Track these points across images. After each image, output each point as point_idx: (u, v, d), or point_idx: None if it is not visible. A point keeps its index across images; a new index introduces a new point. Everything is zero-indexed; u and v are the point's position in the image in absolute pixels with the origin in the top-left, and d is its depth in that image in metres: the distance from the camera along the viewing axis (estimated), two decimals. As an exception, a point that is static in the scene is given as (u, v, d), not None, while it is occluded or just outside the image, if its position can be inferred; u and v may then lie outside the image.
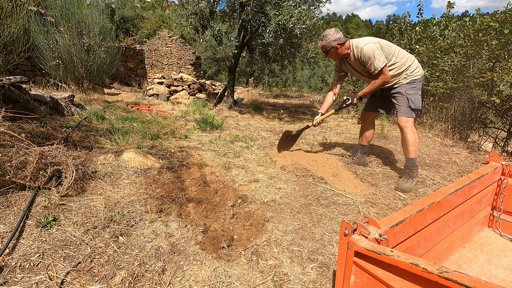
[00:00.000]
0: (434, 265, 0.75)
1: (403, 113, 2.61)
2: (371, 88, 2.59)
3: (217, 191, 2.24)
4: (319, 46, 2.66)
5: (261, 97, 12.61)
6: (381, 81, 2.52)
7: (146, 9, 35.78)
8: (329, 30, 2.60)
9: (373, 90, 2.60)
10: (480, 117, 4.46)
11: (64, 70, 6.34)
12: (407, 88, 2.59)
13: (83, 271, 1.35)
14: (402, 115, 2.62)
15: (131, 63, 12.87)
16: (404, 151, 2.65)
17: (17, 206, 1.67)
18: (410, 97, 2.57)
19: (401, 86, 2.61)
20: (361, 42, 2.52)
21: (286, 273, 1.50)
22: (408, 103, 2.58)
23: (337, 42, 2.56)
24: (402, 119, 2.62)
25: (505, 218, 1.75)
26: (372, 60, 2.45)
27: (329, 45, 2.57)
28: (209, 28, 5.25)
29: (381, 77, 2.51)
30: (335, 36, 2.56)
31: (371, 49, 2.43)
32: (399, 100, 2.62)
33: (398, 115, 2.66)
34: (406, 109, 2.60)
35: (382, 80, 2.51)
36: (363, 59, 2.51)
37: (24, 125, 2.71)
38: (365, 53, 2.46)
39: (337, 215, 2.09)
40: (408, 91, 2.58)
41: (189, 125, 4.36)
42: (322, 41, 2.60)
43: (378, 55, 2.43)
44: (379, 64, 2.45)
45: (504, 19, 3.67)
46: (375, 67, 2.47)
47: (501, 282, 1.37)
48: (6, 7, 4.36)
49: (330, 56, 2.68)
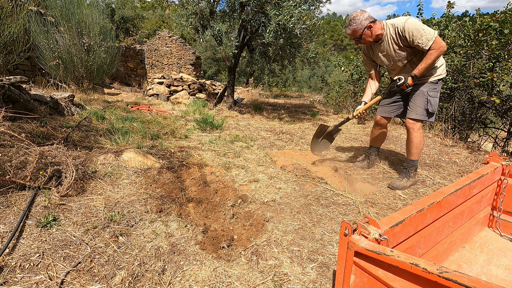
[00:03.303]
0: (434, 265, 0.75)
1: (416, 114, 2.41)
2: (427, 63, 2.20)
3: (217, 191, 2.24)
4: (349, 33, 2.34)
5: (261, 97, 12.61)
6: (437, 53, 2.16)
7: (146, 9, 35.79)
8: (355, 12, 2.31)
9: (430, 64, 2.22)
10: (480, 117, 4.46)
11: (64, 70, 6.35)
12: (430, 88, 2.36)
13: (83, 271, 1.35)
14: (414, 116, 2.42)
15: (131, 63, 12.87)
16: (407, 151, 2.58)
17: (17, 206, 1.67)
18: (430, 99, 2.36)
19: (424, 85, 2.38)
20: (398, 20, 2.24)
21: (286, 273, 1.50)
22: (427, 105, 2.36)
23: (368, 21, 2.27)
24: (412, 120, 2.44)
25: (505, 218, 1.75)
26: (421, 33, 2.13)
27: (361, 25, 2.26)
28: (209, 28, 5.25)
29: (437, 47, 2.14)
30: (364, 15, 2.27)
31: (414, 23, 2.15)
32: (417, 99, 2.40)
33: (409, 115, 2.45)
34: (422, 111, 2.39)
35: (439, 51, 2.15)
36: (406, 35, 2.19)
37: (24, 125, 2.71)
38: (408, 28, 2.16)
39: (337, 215, 2.09)
40: (430, 92, 2.35)
41: (189, 125, 4.36)
42: (351, 26, 2.30)
43: (425, 27, 2.14)
44: (430, 34, 2.12)
45: (504, 19, 3.67)
46: (427, 39, 2.13)
47: (501, 282, 1.37)
48: (6, 7, 4.36)
49: (364, 41, 2.36)
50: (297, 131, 4.61)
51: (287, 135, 4.28)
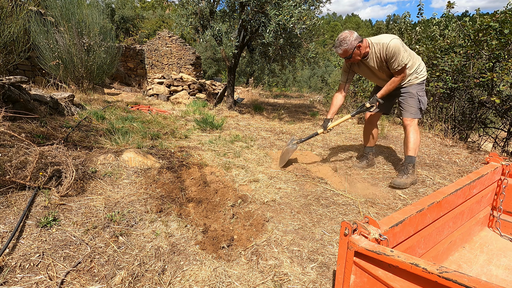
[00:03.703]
0: (434, 265, 0.75)
1: (411, 114, 2.62)
2: (389, 87, 2.54)
3: (217, 191, 2.24)
4: (340, 53, 2.48)
5: (261, 97, 12.61)
6: (400, 79, 2.49)
7: (146, 9, 35.79)
8: (344, 33, 2.46)
9: (391, 89, 2.56)
10: (480, 117, 4.46)
11: (64, 70, 6.35)
12: (418, 89, 2.59)
13: (83, 271, 1.35)
14: (409, 116, 2.63)
15: (131, 63, 12.87)
16: (405, 148, 2.67)
17: (17, 206, 1.67)
18: (421, 99, 2.59)
19: (412, 86, 2.60)
20: (383, 39, 2.44)
21: (286, 273, 1.50)
22: (419, 104, 2.59)
23: (357, 41, 2.43)
24: (409, 119, 2.63)
25: (505, 218, 1.75)
26: (397, 56, 2.37)
27: (352, 46, 2.42)
28: (209, 28, 5.25)
29: (402, 74, 2.47)
30: (353, 35, 2.43)
31: (397, 45, 2.36)
32: (409, 101, 2.61)
33: (405, 115, 2.65)
34: (416, 110, 2.61)
35: (401, 77, 2.48)
36: (388, 55, 2.41)
37: (24, 125, 2.71)
38: (392, 49, 2.37)
39: (337, 215, 2.09)
40: (419, 92, 2.59)
41: (189, 125, 4.36)
42: (342, 46, 2.44)
43: (402, 51, 2.38)
44: (403, 60, 2.38)
45: (504, 19, 3.67)
46: (399, 63, 2.39)
47: (501, 282, 1.37)
48: (6, 7, 4.36)
49: (354, 59, 2.53)
50: (297, 131, 4.61)
51: (287, 135, 4.28)
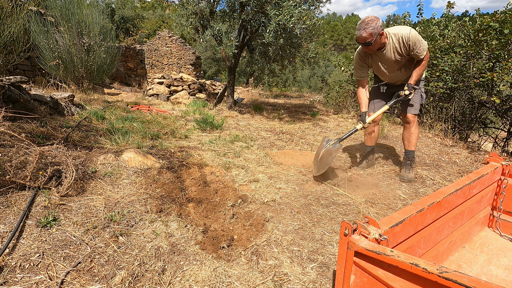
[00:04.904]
0: (434, 265, 0.75)
1: (415, 110, 2.70)
2: (420, 72, 2.53)
3: (217, 191, 2.24)
4: (365, 36, 2.32)
5: (261, 97, 12.61)
6: (426, 62, 2.52)
7: (146, 9, 35.77)
8: (370, 17, 2.36)
9: (421, 73, 2.55)
10: (480, 117, 4.46)
11: (64, 70, 6.35)
12: (421, 84, 2.68)
13: (83, 271, 1.35)
14: (414, 112, 2.71)
15: (131, 63, 12.87)
16: (407, 143, 2.77)
17: (17, 206, 1.67)
18: (423, 94, 2.71)
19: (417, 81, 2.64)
20: (401, 30, 2.41)
21: (286, 273, 1.50)
22: (421, 100, 2.70)
23: (382, 28, 2.35)
24: (412, 115, 2.71)
25: (505, 218, 1.75)
26: (420, 44, 2.39)
27: (377, 31, 2.32)
28: (209, 28, 5.25)
29: (426, 58, 2.49)
30: (379, 21, 2.35)
31: (416, 34, 2.39)
32: (415, 97, 2.66)
33: (410, 111, 2.72)
34: (418, 106, 2.70)
35: (427, 60, 2.52)
36: (411, 45, 2.39)
37: (24, 125, 2.71)
38: (414, 38, 2.37)
39: (337, 215, 2.09)
40: (422, 88, 2.69)
41: (189, 125, 4.36)
42: (368, 29, 2.30)
43: (421, 38, 2.41)
44: (425, 45, 2.42)
45: (504, 19, 3.67)
46: (424, 49, 2.42)
47: (501, 282, 1.37)
48: (6, 7, 4.36)
49: (373, 47, 2.43)
50: (297, 131, 4.61)
51: (287, 135, 4.28)
